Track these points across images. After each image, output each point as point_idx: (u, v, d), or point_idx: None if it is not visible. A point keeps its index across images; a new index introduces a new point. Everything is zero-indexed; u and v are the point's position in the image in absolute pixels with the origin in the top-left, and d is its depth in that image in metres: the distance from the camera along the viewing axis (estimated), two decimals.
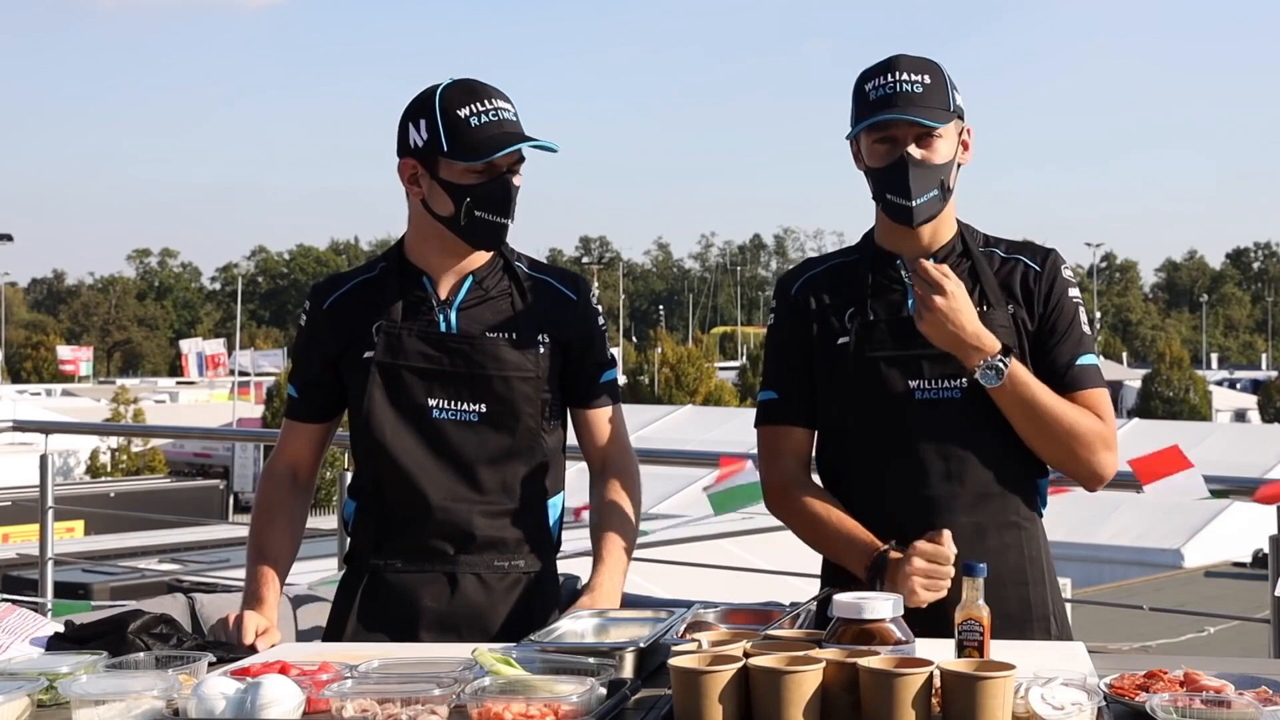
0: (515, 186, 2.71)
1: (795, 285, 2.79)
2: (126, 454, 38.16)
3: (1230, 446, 24.19)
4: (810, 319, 2.73)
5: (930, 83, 2.60)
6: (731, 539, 12.68)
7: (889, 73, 2.61)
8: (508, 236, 2.76)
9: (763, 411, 2.79)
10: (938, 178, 2.61)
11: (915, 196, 2.60)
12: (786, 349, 2.77)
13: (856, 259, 2.76)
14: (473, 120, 2.65)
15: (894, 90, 2.58)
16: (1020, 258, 2.72)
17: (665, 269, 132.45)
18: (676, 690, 1.96)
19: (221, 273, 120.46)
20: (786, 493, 2.74)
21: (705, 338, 79.09)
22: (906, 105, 2.57)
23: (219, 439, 34.49)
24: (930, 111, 2.58)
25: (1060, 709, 1.90)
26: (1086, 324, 2.72)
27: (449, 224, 2.71)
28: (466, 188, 2.67)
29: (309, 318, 2.86)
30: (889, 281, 2.69)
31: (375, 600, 2.76)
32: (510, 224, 2.72)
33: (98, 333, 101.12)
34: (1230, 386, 60.92)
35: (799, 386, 2.74)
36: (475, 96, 2.67)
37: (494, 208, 2.69)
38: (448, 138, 2.65)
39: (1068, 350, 2.67)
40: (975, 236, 2.75)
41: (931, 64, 2.64)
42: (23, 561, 10.13)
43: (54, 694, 2.14)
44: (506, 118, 2.68)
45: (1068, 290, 2.70)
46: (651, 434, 26.99)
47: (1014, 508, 2.67)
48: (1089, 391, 2.66)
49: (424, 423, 2.73)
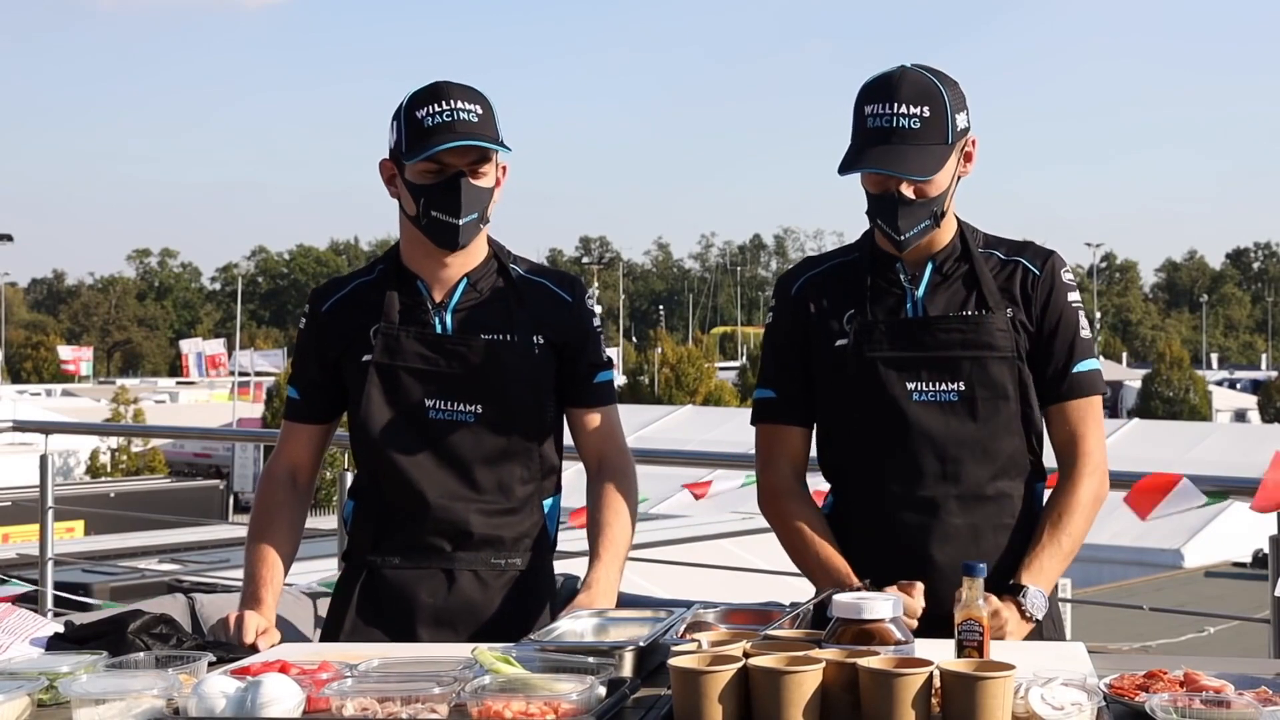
0: (474, 186, 2.68)
1: (795, 285, 2.80)
2: (126, 454, 38.17)
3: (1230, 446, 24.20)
4: (809, 319, 2.74)
5: (929, 116, 2.56)
6: (731, 539, 12.68)
7: (888, 102, 2.56)
8: (473, 238, 2.74)
9: (759, 410, 2.81)
10: (929, 210, 2.61)
11: (904, 232, 2.61)
12: (784, 349, 2.78)
13: (856, 258, 2.76)
14: (426, 120, 2.66)
15: (890, 125, 2.55)
16: (1020, 260, 2.72)
17: (665, 269, 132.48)
18: (676, 690, 1.96)
19: (221, 273, 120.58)
20: (777, 499, 2.77)
21: (705, 338, 79.09)
22: (900, 143, 2.54)
23: (219, 439, 34.55)
24: (924, 155, 2.55)
25: (1060, 709, 1.91)
26: (1086, 328, 2.73)
27: (415, 224, 2.74)
28: (422, 188, 2.69)
29: (308, 321, 2.88)
30: (888, 284, 2.70)
31: (373, 596, 2.78)
32: (460, 224, 2.69)
33: (98, 333, 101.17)
34: (1230, 386, 60.93)
35: (796, 386, 2.76)
36: (436, 98, 2.68)
37: (445, 208, 2.68)
38: (406, 138, 2.68)
39: (1065, 357, 2.68)
40: (975, 237, 2.75)
41: (934, 88, 2.58)
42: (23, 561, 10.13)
43: (54, 694, 2.14)
44: (462, 118, 2.66)
45: (1067, 295, 2.70)
46: (651, 434, 26.99)
47: (1010, 510, 2.68)
48: (1083, 401, 2.69)
49: (421, 423, 2.75)
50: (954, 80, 2.65)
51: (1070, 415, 2.70)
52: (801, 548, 2.70)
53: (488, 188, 2.72)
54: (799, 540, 2.70)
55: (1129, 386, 53.73)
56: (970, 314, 2.66)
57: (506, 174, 2.80)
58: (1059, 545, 2.61)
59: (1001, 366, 2.64)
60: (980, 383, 2.63)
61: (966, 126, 2.64)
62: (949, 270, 2.69)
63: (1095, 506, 2.67)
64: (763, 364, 2.84)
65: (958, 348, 2.63)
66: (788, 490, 2.76)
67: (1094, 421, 2.70)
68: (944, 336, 2.64)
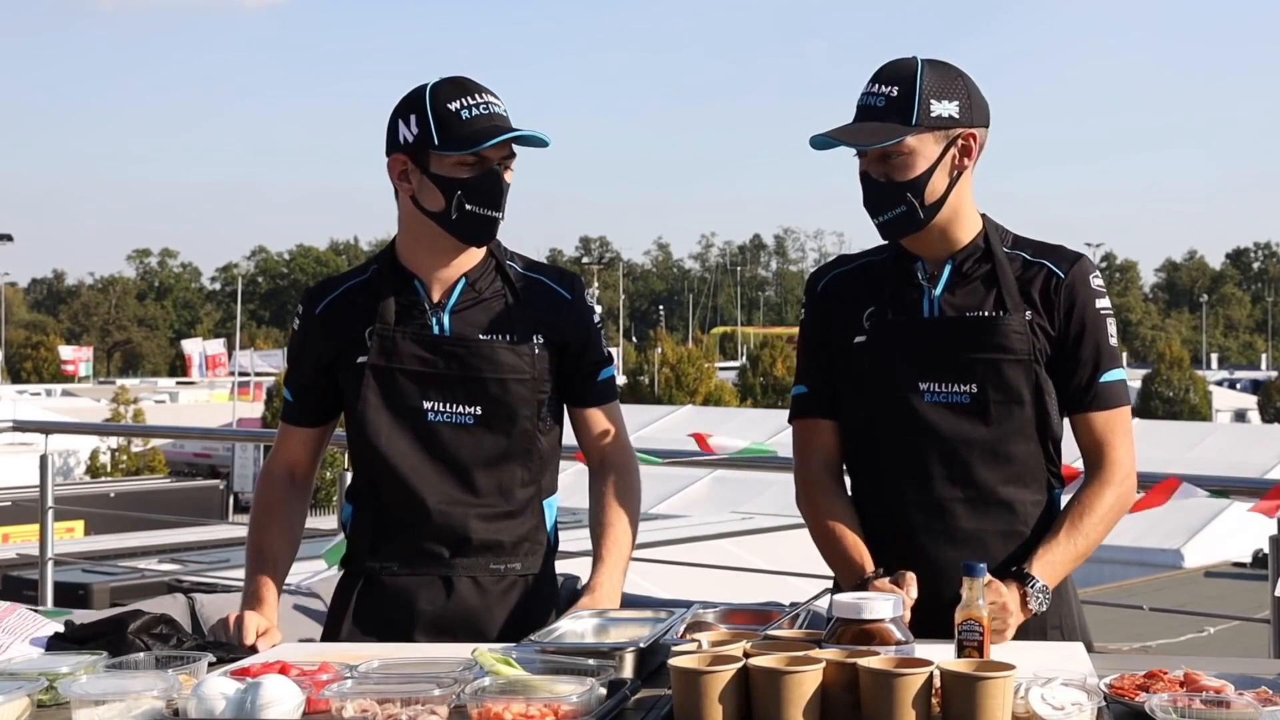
0: (506, 181, 2.70)
1: (822, 282, 2.81)
2: (126, 454, 38.15)
3: (1230, 446, 24.20)
4: (832, 316, 2.75)
5: (895, 96, 2.56)
6: (731, 539, 12.69)
7: (870, 83, 2.61)
8: (499, 233, 2.75)
9: (795, 406, 2.82)
10: (903, 193, 2.58)
11: (877, 215, 2.62)
12: (813, 344, 2.79)
13: (884, 257, 2.76)
14: (463, 113, 2.65)
15: (862, 104, 2.60)
16: (1045, 263, 2.67)
17: (665, 269, 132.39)
18: (676, 690, 1.96)
19: (221, 273, 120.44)
20: (809, 494, 2.76)
21: (705, 338, 79.08)
22: (860, 120, 2.58)
23: (219, 439, 34.49)
24: (874, 131, 2.56)
25: (1060, 709, 1.91)
26: (1114, 336, 2.69)
27: (440, 219, 2.70)
28: (458, 181, 2.66)
29: (302, 322, 2.85)
30: (908, 283, 2.69)
31: (371, 603, 2.76)
32: (501, 218, 2.71)
33: (98, 333, 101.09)
34: (1230, 386, 60.87)
35: (827, 380, 2.76)
36: (465, 91, 2.67)
37: (485, 201, 2.68)
38: (438, 131, 2.65)
39: (1092, 366, 2.64)
40: (1004, 236, 2.71)
41: (910, 72, 2.57)
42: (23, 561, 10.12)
43: (54, 694, 2.14)
44: (496, 111, 2.67)
45: (1094, 301, 2.66)
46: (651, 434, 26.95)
47: (1022, 518, 2.64)
48: (1109, 412, 2.65)
49: (419, 426, 2.73)
50: (960, 73, 2.62)
51: (1097, 426, 2.66)
52: (827, 541, 2.68)
53: (510, 184, 2.73)
54: (828, 535, 2.68)
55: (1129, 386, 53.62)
56: (985, 315, 2.62)
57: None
58: (1074, 544, 2.58)
59: (1016, 369, 2.60)
60: (993, 385, 2.60)
61: (955, 117, 2.58)
62: (969, 270, 2.66)
63: (1116, 514, 2.64)
64: (797, 360, 2.87)
65: (971, 349, 2.60)
66: (820, 485, 2.74)
67: (1123, 433, 2.66)
68: (957, 337, 2.62)
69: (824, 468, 2.76)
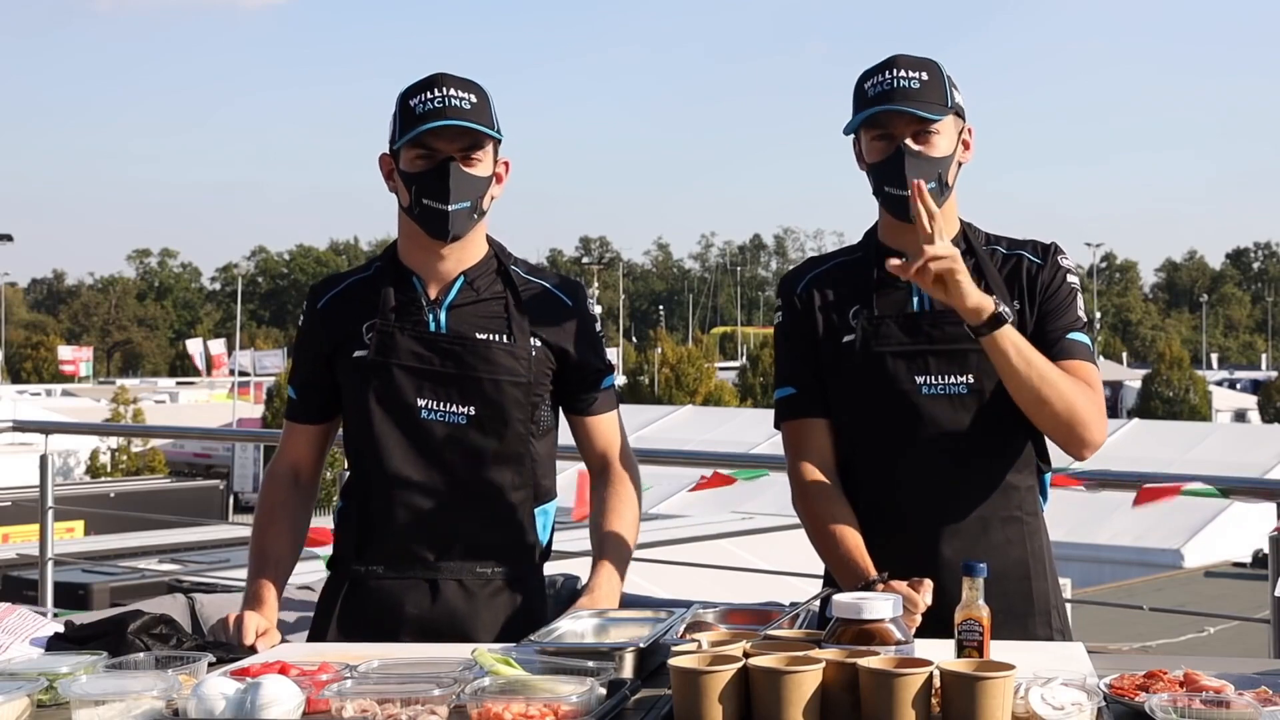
0: (465, 174, 2.67)
1: (800, 284, 2.80)
2: (126, 454, 38.16)
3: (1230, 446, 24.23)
4: (815, 316, 2.75)
5: (928, 79, 2.63)
6: (731, 539, 12.70)
7: (887, 70, 2.64)
8: (466, 229, 2.71)
9: (782, 408, 2.80)
10: (935, 170, 2.63)
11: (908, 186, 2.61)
12: (797, 344, 2.78)
13: (860, 256, 2.77)
14: (418, 107, 2.65)
15: (891, 87, 2.62)
16: (1022, 253, 2.74)
17: (665, 269, 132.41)
18: (676, 690, 1.96)
19: (221, 273, 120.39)
20: (808, 496, 2.74)
21: (705, 338, 79.06)
22: (903, 100, 2.61)
23: (219, 439, 34.52)
24: (926, 105, 2.62)
25: (1060, 709, 1.91)
26: (1083, 310, 2.74)
27: (409, 214, 2.72)
28: (413, 175, 2.68)
29: (306, 318, 2.86)
30: (893, 279, 2.70)
31: (356, 607, 2.75)
32: (451, 210, 2.66)
33: (98, 333, 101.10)
34: (1230, 386, 60.91)
35: (815, 378, 2.76)
36: (429, 86, 2.67)
37: (434, 194, 2.67)
38: (400, 126, 2.67)
39: (1060, 324, 2.68)
40: (977, 235, 2.76)
41: (930, 62, 2.67)
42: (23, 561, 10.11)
43: (54, 694, 2.14)
44: (454, 104, 2.64)
45: (1066, 276, 2.73)
46: (651, 434, 26.99)
47: (1018, 502, 2.69)
48: (1077, 362, 2.66)
49: (412, 423, 2.72)
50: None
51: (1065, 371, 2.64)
52: (828, 544, 2.67)
53: (481, 177, 2.70)
54: (829, 538, 2.67)
55: (1129, 386, 53.69)
56: None
57: (509, 171, 2.78)
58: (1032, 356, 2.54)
59: None
60: (989, 374, 2.62)
61: (964, 109, 2.69)
62: None
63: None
64: (778, 364, 2.84)
65: (965, 340, 2.61)
66: (818, 486, 2.72)
67: (1093, 381, 2.65)
68: (951, 329, 2.64)
69: (820, 468, 2.75)
